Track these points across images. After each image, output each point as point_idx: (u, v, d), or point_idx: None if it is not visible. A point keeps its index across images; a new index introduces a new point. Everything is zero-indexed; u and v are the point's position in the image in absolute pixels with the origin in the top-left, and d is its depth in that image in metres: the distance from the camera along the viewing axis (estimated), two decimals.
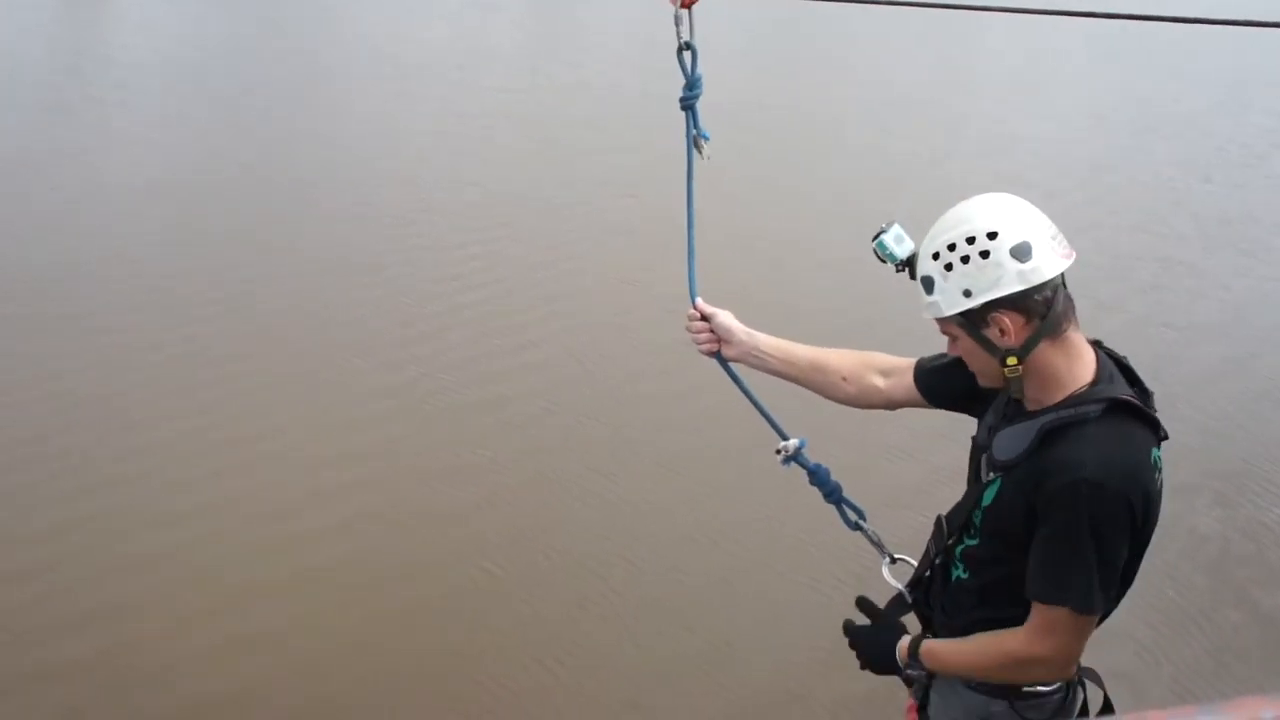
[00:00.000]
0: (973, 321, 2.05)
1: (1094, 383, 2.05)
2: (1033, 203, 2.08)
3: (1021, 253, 1.98)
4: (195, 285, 7.37)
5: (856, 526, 2.60)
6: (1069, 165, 11.20)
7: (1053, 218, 2.06)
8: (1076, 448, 2.00)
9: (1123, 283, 7.92)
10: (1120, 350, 2.16)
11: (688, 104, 2.57)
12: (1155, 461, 2.04)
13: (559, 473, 5.33)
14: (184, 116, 11.94)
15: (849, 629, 2.42)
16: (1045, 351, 2.04)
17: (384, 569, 4.57)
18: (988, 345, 2.06)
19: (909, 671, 2.29)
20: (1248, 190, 10.36)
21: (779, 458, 2.60)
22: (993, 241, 1.99)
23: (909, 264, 2.20)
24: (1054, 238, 2.02)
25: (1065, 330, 2.05)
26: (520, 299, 7.36)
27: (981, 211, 2.04)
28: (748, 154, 10.13)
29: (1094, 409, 2.01)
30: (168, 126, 11.59)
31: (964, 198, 2.08)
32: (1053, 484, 2.00)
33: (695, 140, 2.57)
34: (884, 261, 2.24)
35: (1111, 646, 4.19)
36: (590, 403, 6.05)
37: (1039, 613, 2.05)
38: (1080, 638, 2.09)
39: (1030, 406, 2.11)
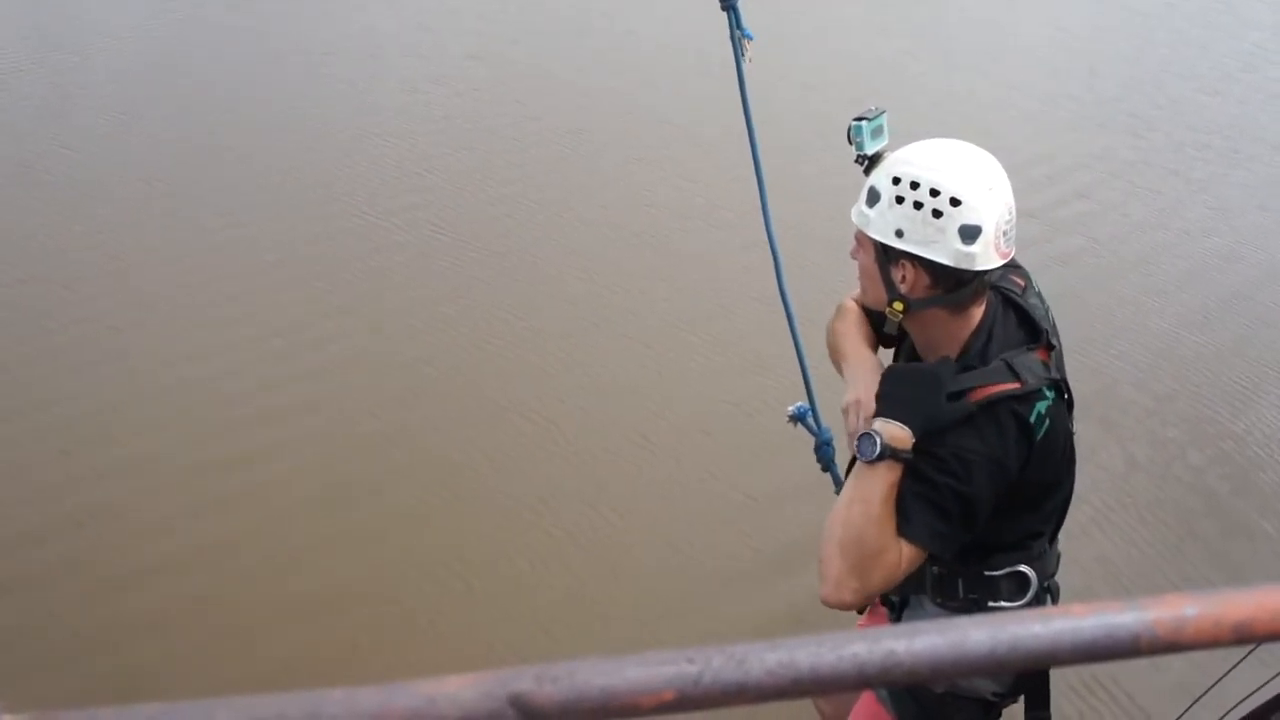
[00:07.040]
0: (887, 254, 2.03)
1: (970, 340, 2.06)
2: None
3: (968, 235, 1.92)
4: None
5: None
6: (1066, 70, 11.43)
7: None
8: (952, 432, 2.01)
9: (1118, 184, 8.36)
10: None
11: (729, 2, 2.39)
12: (1035, 426, 2.00)
13: (596, 341, 5.88)
14: None
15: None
16: (936, 314, 2.06)
17: (432, 423, 5.16)
18: (887, 281, 2.05)
19: (866, 443, 2.02)
20: (1245, 105, 10.67)
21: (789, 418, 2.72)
22: (952, 209, 1.92)
23: (871, 161, 2.14)
24: (1005, 234, 1.97)
25: (966, 309, 2.05)
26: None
27: (960, 171, 1.95)
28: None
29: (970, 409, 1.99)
30: None
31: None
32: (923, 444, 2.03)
33: (741, 42, 2.42)
34: (849, 143, 2.18)
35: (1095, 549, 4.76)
36: (623, 272, 6.55)
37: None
38: (904, 567, 2.03)
39: (921, 353, 2.16)
